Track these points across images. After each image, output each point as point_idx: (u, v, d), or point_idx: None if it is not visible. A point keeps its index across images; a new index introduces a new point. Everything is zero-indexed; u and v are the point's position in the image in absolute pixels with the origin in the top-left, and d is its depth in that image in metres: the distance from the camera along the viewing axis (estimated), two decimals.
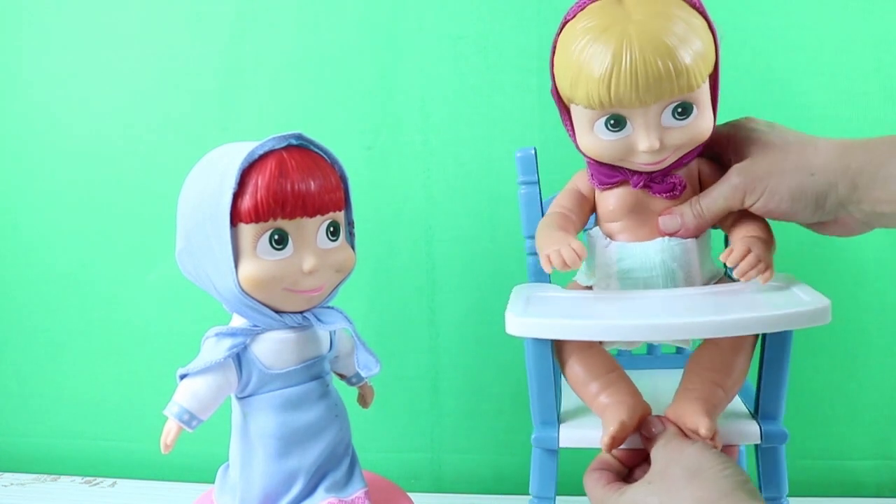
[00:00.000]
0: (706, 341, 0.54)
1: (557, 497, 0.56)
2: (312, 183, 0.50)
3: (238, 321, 0.54)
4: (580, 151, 0.55)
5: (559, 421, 0.56)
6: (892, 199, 0.46)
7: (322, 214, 0.52)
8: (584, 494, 0.51)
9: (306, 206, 0.50)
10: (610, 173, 0.55)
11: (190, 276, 0.55)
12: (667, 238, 0.53)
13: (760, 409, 0.54)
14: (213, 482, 0.58)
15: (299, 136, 0.52)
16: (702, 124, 0.51)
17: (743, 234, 0.52)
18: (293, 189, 0.49)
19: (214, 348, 0.52)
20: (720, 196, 0.52)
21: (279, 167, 0.49)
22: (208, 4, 0.84)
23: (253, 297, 0.51)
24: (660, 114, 0.50)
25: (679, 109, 0.50)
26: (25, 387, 0.93)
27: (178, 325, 0.88)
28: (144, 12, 0.85)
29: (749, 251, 0.50)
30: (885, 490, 0.82)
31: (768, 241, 0.52)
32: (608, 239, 0.55)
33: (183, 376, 0.52)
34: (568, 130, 0.55)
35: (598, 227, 0.57)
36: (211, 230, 0.50)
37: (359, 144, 0.84)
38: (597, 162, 0.54)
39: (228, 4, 0.84)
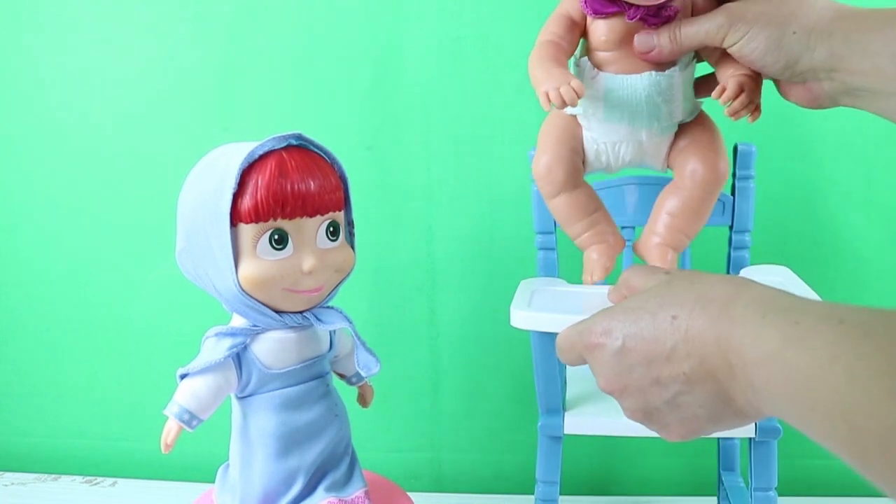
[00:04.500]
0: (675, 185, 0.56)
1: (561, 497, 0.57)
2: (312, 183, 0.51)
3: (238, 321, 0.54)
4: None
5: (564, 409, 0.59)
6: (867, 72, 0.45)
7: (322, 214, 0.52)
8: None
9: (306, 207, 0.50)
10: (605, 3, 0.53)
11: (190, 277, 0.55)
12: (654, 72, 0.53)
13: None
14: (213, 482, 0.58)
15: (299, 137, 0.52)
16: None
17: (733, 72, 0.52)
18: (293, 189, 0.50)
19: (214, 348, 0.52)
20: (702, 30, 0.51)
21: (279, 167, 0.50)
22: (208, 4, 0.84)
23: (253, 297, 0.51)
24: None
25: None
26: (26, 386, 0.93)
27: (179, 324, 0.88)
28: (144, 12, 0.85)
29: (742, 91, 0.50)
30: None
31: (758, 78, 0.52)
32: (596, 70, 0.55)
33: (183, 376, 0.52)
34: None
35: (586, 58, 0.56)
36: (211, 230, 0.50)
37: (359, 144, 0.84)
38: None
39: (228, 4, 0.84)
